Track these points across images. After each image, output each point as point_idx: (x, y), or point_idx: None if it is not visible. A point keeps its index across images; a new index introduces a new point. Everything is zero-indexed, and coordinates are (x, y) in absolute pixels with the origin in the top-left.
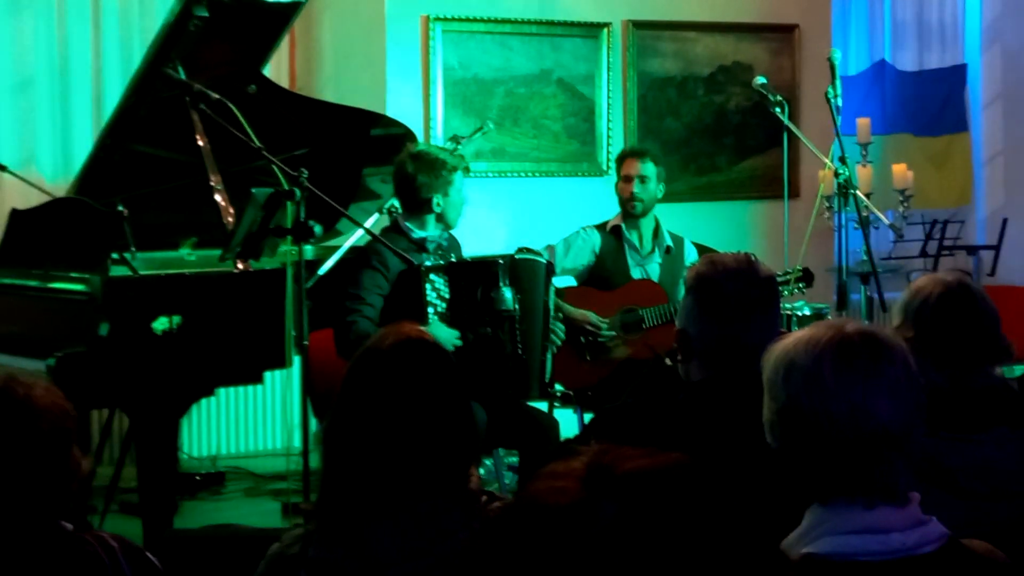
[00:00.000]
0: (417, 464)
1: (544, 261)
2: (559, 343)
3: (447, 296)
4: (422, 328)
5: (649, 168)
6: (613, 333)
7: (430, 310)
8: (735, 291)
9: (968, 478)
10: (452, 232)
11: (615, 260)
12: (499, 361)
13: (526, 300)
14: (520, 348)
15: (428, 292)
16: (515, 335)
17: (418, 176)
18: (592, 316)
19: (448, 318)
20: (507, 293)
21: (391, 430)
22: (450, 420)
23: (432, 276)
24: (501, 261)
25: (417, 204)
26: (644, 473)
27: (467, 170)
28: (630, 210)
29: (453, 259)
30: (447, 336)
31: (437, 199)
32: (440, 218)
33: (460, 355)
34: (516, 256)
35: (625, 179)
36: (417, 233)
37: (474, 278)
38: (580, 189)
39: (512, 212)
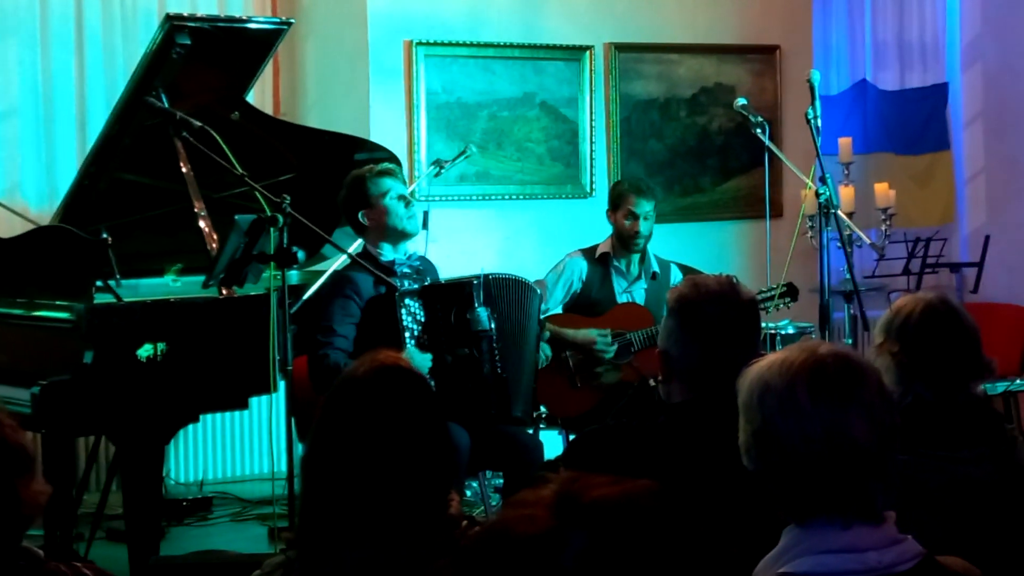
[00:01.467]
0: (395, 491)
1: (535, 288)
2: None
3: (423, 319)
4: (398, 355)
5: (653, 205)
6: (617, 346)
7: (406, 334)
8: (717, 313)
9: (947, 496)
10: (425, 255)
11: (602, 287)
12: (478, 381)
13: (503, 319)
14: (499, 367)
15: (404, 316)
16: (493, 355)
17: (343, 200)
18: (592, 332)
19: (425, 341)
20: (482, 313)
21: (368, 457)
22: (428, 446)
23: (407, 300)
24: (475, 281)
25: (355, 227)
26: (612, 500)
27: (387, 172)
28: (633, 247)
29: (428, 282)
30: (420, 362)
31: (361, 214)
32: (387, 233)
33: (440, 377)
34: (489, 276)
35: (633, 216)
36: (385, 257)
37: (448, 300)
38: (564, 211)
39: (497, 235)
